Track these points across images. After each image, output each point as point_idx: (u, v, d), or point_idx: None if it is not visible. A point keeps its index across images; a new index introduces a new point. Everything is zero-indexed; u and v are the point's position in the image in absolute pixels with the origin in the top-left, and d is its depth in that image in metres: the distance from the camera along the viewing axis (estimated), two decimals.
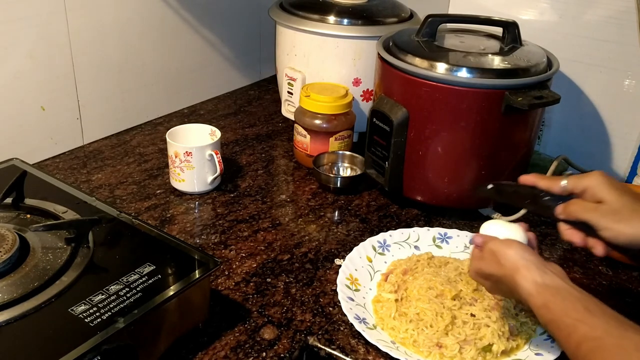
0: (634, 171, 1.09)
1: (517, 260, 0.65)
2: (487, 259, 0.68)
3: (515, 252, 0.65)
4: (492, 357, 0.73)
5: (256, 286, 0.85)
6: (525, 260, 0.64)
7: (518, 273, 0.64)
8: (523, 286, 0.63)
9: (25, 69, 1.05)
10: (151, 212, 1.00)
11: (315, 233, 0.98)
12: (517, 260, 0.65)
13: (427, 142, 0.97)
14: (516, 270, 0.64)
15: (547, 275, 0.63)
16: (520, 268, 0.64)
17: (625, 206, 0.66)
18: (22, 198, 0.82)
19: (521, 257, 0.65)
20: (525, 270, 0.63)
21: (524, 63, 0.95)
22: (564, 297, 0.60)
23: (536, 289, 0.62)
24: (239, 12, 1.44)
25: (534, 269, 0.63)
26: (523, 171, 1.03)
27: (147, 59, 1.26)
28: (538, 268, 0.63)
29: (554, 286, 0.61)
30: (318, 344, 0.76)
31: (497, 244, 0.68)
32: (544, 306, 0.61)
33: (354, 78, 1.19)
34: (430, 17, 1.01)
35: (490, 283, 0.70)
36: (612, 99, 1.10)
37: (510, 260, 0.65)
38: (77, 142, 1.19)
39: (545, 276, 0.62)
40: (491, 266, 0.67)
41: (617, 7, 1.04)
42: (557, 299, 0.60)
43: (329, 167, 1.15)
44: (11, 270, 0.68)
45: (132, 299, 0.66)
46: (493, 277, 0.68)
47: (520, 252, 0.65)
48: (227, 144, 1.25)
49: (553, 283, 0.62)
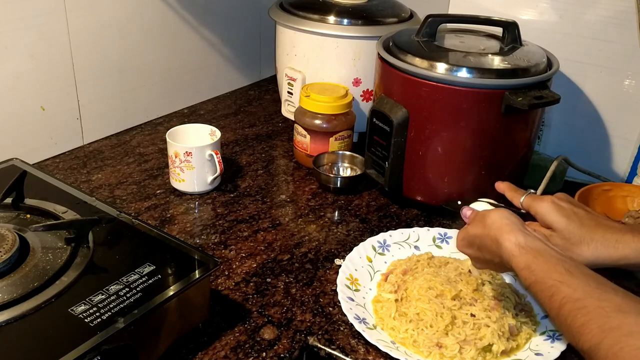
0: (634, 171, 1.09)
1: (502, 221, 0.67)
2: (473, 222, 0.71)
3: (500, 214, 0.68)
4: (492, 357, 0.73)
5: (256, 286, 0.85)
6: (509, 221, 0.66)
7: (502, 234, 0.65)
8: (506, 247, 0.64)
9: (25, 69, 1.05)
10: (151, 212, 1.00)
11: (315, 233, 0.98)
12: (501, 222, 0.66)
13: (427, 142, 0.97)
14: (500, 231, 0.66)
15: (530, 237, 0.64)
16: (504, 228, 0.66)
17: (573, 233, 0.71)
18: (22, 198, 0.82)
19: (506, 219, 0.67)
20: (508, 231, 0.65)
21: (524, 63, 0.95)
22: (546, 259, 0.61)
23: (519, 250, 0.63)
24: (239, 12, 1.44)
25: (517, 230, 0.65)
26: (523, 171, 1.04)
27: (147, 59, 1.26)
28: (521, 230, 0.65)
29: (536, 248, 0.63)
30: (318, 344, 0.76)
31: (484, 210, 0.72)
32: (526, 267, 0.62)
33: (354, 78, 1.19)
34: (430, 17, 1.01)
35: (475, 250, 0.72)
36: (612, 99, 1.09)
37: (495, 221, 0.67)
38: (77, 142, 1.19)
39: (528, 238, 0.64)
40: (477, 228, 0.70)
41: (617, 7, 1.04)
42: (539, 260, 0.61)
43: (329, 167, 1.15)
44: (11, 270, 0.68)
45: (132, 299, 0.66)
46: (477, 240, 0.70)
47: (505, 214, 0.68)
48: (227, 144, 1.25)
49: (535, 245, 0.63)
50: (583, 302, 0.55)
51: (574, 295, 0.56)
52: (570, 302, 0.56)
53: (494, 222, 0.67)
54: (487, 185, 0.98)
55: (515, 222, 0.66)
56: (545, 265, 0.61)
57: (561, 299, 0.57)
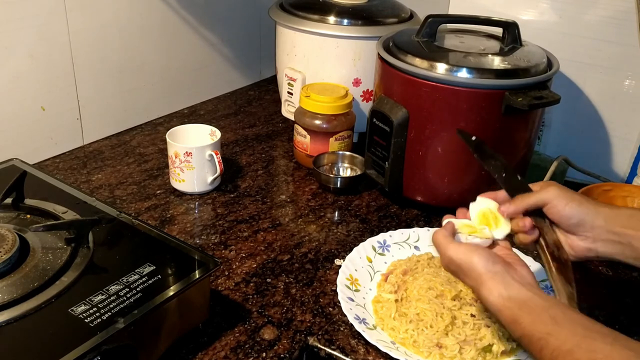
0: (634, 171, 1.09)
1: (481, 271, 0.63)
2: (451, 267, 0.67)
3: (478, 260, 0.63)
4: (492, 357, 0.73)
5: (256, 286, 0.85)
6: (488, 271, 0.62)
7: (483, 286, 0.62)
8: (490, 301, 0.62)
9: (25, 69, 1.05)
10: (151, 213, 1.00)
11: (315, 233, 0.98)
12: (480, 272, 0.63)
13: (427, 142, 0.97)
14: (481, 283, 0.63)
15: (512, 286, 0.61)
16: (485, 281, 0.62)
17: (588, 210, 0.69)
18: (22, 198, 0.82)
19: (484, 268, 0.63)
20: (490, 282, 0.62)
21: (524, 63, 0.95)
22: (530, 310, 0.59)
23: (503, 304, 0.61)
24: (239, 12, 1.44)
25: (499, 280, 0.62)
26: (523, 171, 1.04)
27: (147, 59, 1.26)
28: (503, 280, 0.62)
29: (520, 298, 0.60)
30: (318, 344, 0.76)
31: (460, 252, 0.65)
32: (513, 322, 0.60)
33: (354, 78, 1.19)
34: (430, 18, 1.01)
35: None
36: (612, 99, 1.09)
37: (474, 270, 0.63)
38: (77, 142, 1.19)
39: (510, 288, 0.61)
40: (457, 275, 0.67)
41: (617, 7, 1.04)
42: (524, 312, 0.59)
43: (329, 168, 1.15)
44: (11, 270, 0.68)
45: (132, 299, 0.66)
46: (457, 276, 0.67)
47: (483, 261, 0.63)
48: (227, 144, 1.25)
49: (519, 295, 0.60)
50: (573, 356, 0.54)
51: (563, 348, 0.55)
52: (561, 356, 0.54)
53: (471, 270, 0.64)
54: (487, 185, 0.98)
55: (495, 270, 0.62)
56: (530, 317, 0.59)
57: (551, 352, 0.55)
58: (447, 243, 0.67)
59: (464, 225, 0.71)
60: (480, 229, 0.70)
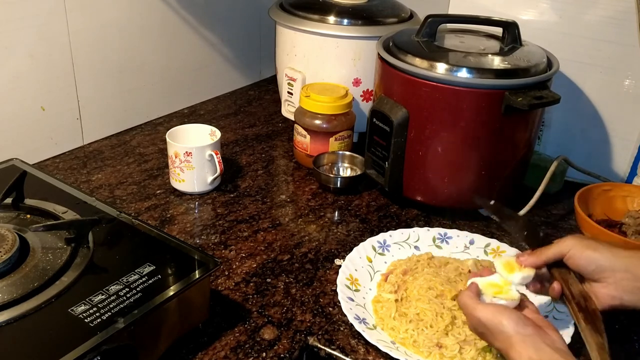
0: (634, 171, 1.09)
1: (510, 333, 0.62)
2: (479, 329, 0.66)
3: (507, 323, 0.63)
4: (492, 357, 0.73)
5: (256, 286, 0.85)
6: (518, 334, 0.62)
7: (512, 349, 0.61)
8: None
9: (25, 69, 1.05)
10: (151, 212, 1.00)
11: (315, 233, 0.98)
12: (510, 334, 0.62)
13: (427, 142, 0.97)
14: (510, 346, 0.62)
15: (544, 351, 0.60)
16: (515, 343, 0.61)
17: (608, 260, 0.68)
18: (22, 198, 0.82)
19: (513, 330, 0.62)
20: (520, 345, 0.61)
21: (523, 63, 0.95)
22: None
23: None
24: (239, 12, 1.44)
25: (530, 343, 0.61)
26: (523, 171, 1.04)
27: (147, 59, 1.26)
28: (534, 343, 0.61)
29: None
30: (318, 344, 0.76)
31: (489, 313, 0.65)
32: None
33: (354, 78, 1.19)
34: (430, 18, 1.01)
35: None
36: (612, 99, 1.09)
37: (503, 332, 0.63)
38: (77, 142, 1.19)
39: (541, 353, 0.60)
40: (485, 336, 0.66)
41: (617, 7, 1.04)
42: None
43: (329, 168, 1.15)
44: (11, 270, 0.68)
45: (132, 299, 0.66)
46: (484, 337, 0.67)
47: (512, 323, 0.63)
48: (227, 144, 1.25)
49: (547, 357, 0.60)
50: None
51: None
52: None
53: (500, 333, 0.63)
54: (487, 185, 0.99)
55: (525, 332, 0.62)
56: None
57: None
58: (474, 304, 0.67)
59: (488, 285, 0.70)
60: (505, 289, 0.70)
